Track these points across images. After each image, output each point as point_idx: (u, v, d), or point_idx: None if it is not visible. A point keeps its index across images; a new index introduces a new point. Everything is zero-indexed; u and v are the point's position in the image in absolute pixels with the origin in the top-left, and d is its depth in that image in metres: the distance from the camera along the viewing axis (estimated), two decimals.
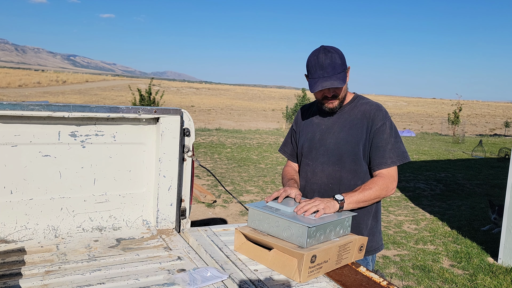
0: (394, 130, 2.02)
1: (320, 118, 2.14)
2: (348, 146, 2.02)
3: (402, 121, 38.51)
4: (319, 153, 2.09)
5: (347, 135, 2.04)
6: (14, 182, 1.93)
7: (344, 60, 1.99)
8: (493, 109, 71.60)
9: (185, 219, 2.31)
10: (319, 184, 2.09)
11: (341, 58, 1.98)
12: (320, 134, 2.11)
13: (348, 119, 2.06)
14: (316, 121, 2.16)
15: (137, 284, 1.62)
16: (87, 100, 38.43)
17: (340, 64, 1.95)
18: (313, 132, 2.14)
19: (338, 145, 2.04)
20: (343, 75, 1.96)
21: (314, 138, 2.12)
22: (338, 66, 1.94)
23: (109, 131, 2.10)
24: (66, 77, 73.49)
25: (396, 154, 1.99)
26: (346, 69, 1.99)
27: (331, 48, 1.99)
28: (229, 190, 7.38)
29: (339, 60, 1.95)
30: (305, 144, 2.16)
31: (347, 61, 2.01)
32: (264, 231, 1.87)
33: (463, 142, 19.30)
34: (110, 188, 2.15)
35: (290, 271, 1.70)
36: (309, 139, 2.14)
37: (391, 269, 4.33)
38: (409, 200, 7.55)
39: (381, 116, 2.01)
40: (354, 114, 2.06)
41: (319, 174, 2.09)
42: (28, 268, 1.68)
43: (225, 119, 27.36)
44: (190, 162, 2.31)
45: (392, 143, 1.99)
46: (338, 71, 1.94)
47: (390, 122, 2.03)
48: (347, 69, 2.01)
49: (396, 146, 1.99)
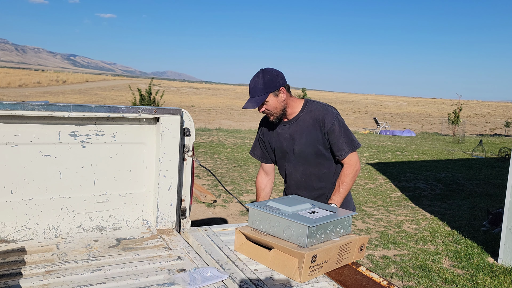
0: (342, 125, 2.42)
1: (282, 128, 2.51)
2: (309, 148, 2.44)
3: (402, 121, 38.50)
4: (290, 157, 2.51)
5: (306, 140, 2.44)
6: (14, 182, 1.93)
7: (271, 83, 2.32)
8: (493, 109, 71.60)
9: (185, 219, 2.31)
10: (296, 179, 2.55)
11: (266, 82, 2.31)
12: (286, 142, 2.50)
13: (304, 126, 2.44)
14: (279, 131, 2.52)
15: (137, 284, 1.62)
16: (87, 100, 38.44)
17: (261, 88, 2.31)
18: (280, 141, 2.53)
19: (301, 150, 2.46)
20: (260, 99, 2.31)
21: (282, 146, 2.52)
22: (258, 90, 2.31)
23: (109, 131, 2.10)
24: (66, 77, 73.48)
25: (348, 144, 2.41)
26: (270, 91, 2.32)
27: (264, 72, 2.34)
28: (229, 190, 7.38)
29: (261, 85, 2.31)
30: (277, 151, 2.57)
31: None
32: (264, 231, 1.87)
33: (463, 142, 19.30)
34: (110, 188, 2.15)
35: (290, 271, 1.69)
36: (279, 147, 2.54)
37: (391, 269, 4.33)
38: (409, 200, 7.54)
39: (328, 118, 2.40)
40: (307, 121, 2.43)
41: (294, 173, 2.54)
42: (28, 268, 1.68)
43: (225, 119, 27.37)
44: (190, 162, 2.31)
45: (342, 137, 2.40)
46: (256, 95, 2.32)
47: (338, 120, 2.41)
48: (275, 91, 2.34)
49: (347, 138, 2.41)
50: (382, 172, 10.04)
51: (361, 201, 7.29)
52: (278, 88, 2.35)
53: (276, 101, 2.36)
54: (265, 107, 2.36)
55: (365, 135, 21.39)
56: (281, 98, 2.37)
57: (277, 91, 2.35)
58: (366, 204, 7.08)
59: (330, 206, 2.06)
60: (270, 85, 2.32)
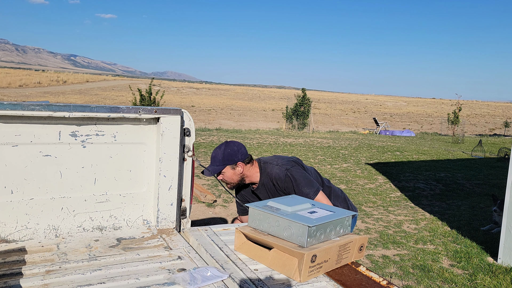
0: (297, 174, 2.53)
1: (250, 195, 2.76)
2: None
3: (402, 121, 38.50)
4: None
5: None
6: (15, 182, 1.94)
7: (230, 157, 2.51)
8: (492, 109, 71.58)
9: (186, 218, 2.32)
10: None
11: (225, 155, 2.51)
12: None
13: (270, 191, 2.63)
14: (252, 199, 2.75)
15: (137, 283, 1.62)
16: (87, 100, 38.42)
17: (219, 159, 2.52)
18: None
19: None
20: (217, 168, 2.52)
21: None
22: (217, 161, 2.52)
23: (109, 131, 2.10)
24: (66, 77, 73.42)
25: (309, 187, 2.51)
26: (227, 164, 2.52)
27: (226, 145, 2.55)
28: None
29: (220, 157, 2.52)
30: None
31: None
32: (264, 231, 1.88)
33: (463, 142, 19.30)
34: (111, 187, 2.15)
35: (290, 271, 1.70)
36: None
37: (391, 269, 4.33)
38: (408, 200, 7.55)
39: (282, 179, 2.55)
40: (269, 184, 2.61)
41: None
42: (29, 268, 1.69)
43: (225, 119, 27.36)
44: (191, 162, 2.31)
45: (302, 184, 2.51)
46: (215, 164, 2.53)
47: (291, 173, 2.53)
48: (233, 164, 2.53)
49: (306, 183, 2.52)
50: (382, 172, 10.05)
51: (360, 201, 7.29)
52: (236, 163, 2.54)
53: (233, 173, 2.56)
54: (222, 177, 2.58)
55: (364, 135, 21.40)
56: (237, 171, 2.56)
57: (234, 165, 2.55)
58: (366, 204, 7.09)
59: (330, 206, 2.06)
60: (228, 159, 2.52)
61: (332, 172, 9.77)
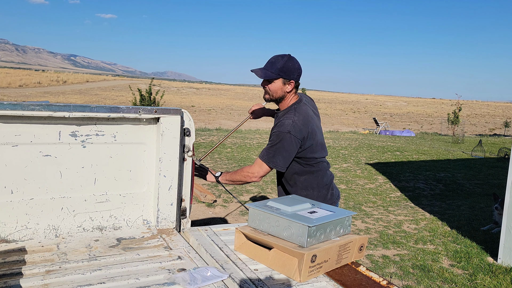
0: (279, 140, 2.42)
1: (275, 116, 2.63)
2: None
3: (402, 121, 38.50)
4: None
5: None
6: (15, 182, 1.94)
7: (288, 71, 2.42)
8: (492, 109, 71.58)
9: (186, 218, 2.32)
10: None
11: (285, 67, 2.41)
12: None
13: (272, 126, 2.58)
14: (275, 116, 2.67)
15: (137, 283, 1.62)
16: (87, 100, 38.42)
17: (277, 68, 2.41)
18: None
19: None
20: (269, 73, 2.42)
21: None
22: (274, 68, 2.42)
23: (109, 131, 2.10)
24: (66, 77, 73.39)
25: (264, 153, 2.47)
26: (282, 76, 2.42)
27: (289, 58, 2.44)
28: (229, 190, 7.39)
29: (279, 66, 2.41)
30: None
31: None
32: (264, 231, 1.88)
33: (463, 142, 19.30)
34: (111, 187, 2.15)
35: (290, 271, 1.70)
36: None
37: (390, 269, 4.33)
38: (408, 200, 7.55)
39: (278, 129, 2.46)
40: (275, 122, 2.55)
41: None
42: (29, 268, 1.69)
43: (225, 119, 27.36)
44: (191, 162, 2.31)
45: (269, 145, 2.47)
46: (270, 70, 2.42)
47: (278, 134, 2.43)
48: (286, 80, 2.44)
49: (269, 148, 2.46)
50: (382, 172, 10.05)
51: (360, 201, 7.29)
52: (289, 80, 2.46)
53: (280, 88, 2.47)
54: (268, 86, 2.48)
55: (364, 135, 21.40)
56: (285, 88, 2.48)
57: (287, 81, 2.46)
58: (366, 204, 7.09)
59: (330, 206, 2.05)
60: (286, 71, 2.42)
61: (332, 172, 9.78)
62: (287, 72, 2.43)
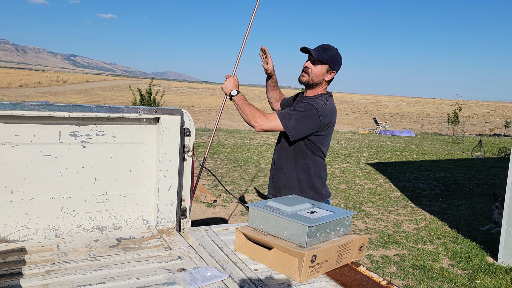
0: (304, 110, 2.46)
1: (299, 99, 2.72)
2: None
3: (402, 121, 38.50)
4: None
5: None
6: (15, 182, 1.94)
7: (335, 62, 2.56)
8: (492, 109, 71.58)
9: (186, 218, 2.32)
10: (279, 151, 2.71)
11: (334, 57, 2.54)
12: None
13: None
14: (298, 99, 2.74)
15: (137, 283, 1.62)
16: (87, 100, 38.43)
17: (329, 56, 2.52)
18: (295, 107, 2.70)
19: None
20: (322, 56, 2.51)
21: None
22: (325, 55, 2.52)
23: (109, 131, 2.10)
24: (66, 77, 73.39)
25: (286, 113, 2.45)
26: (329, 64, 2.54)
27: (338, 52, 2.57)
28: (229, 189, 7.39)
29: (331, 54, 2.53)
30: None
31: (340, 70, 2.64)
32: (264, 231, 1.88)
33: (463, 142, 19.30)
34: (111, 187, 2.15)
35: (290, 271, 1.70)
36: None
37: (390, 269, 4.33)
38: (408, 200, 7.55)
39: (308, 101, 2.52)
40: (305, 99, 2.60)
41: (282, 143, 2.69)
42: (29, 268, 1.69)
43: (225, 119, 27.36)
44: (191, 162, 2.31)
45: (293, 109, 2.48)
46: (321, 55, 2.51)
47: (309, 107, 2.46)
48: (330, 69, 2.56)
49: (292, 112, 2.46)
50: (382, 172, 10.05)
51: (360, 201, 7.30)
52: (333, 69, 2.58)
53: (322, 74, 2.56)
54: (312, 67, 2.56)
55: (364, 135, 21.40)
56: (326, 77, 2.58)
57: (330, 69, 2.58)
58: (366, 204, 7.09)
59: (330, 206, 2.05)
60: (333, 61, 2.56)
61: (332, 172, 9.77)
62: (334, 62, 2.56)
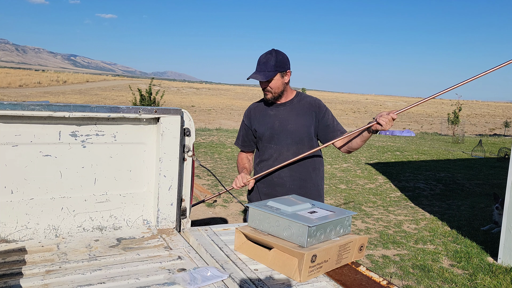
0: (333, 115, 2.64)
1: (276, 110, 2.62)
2: (305, 128, 2.57)
3: (402, 121, 38.51)
4: (282, 137, 2.58)
5: (303, 120, 2.57)
6: (15, 182, 1.94)
7: (282, 64, 2.48)
8: (492, 109, 71.57)
9: (186, 218, 2.32)
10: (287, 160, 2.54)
11: (278, 61, 2.46)
12: (279, 122, 2.59)
13: (300, 109, 2.58)
14: (272, 112, 2.62)
15: (137, 283, 1.62)
16: (87, 100, 38.44)
17: (272, 65, 2.44)
18: (272, 122, 2.61)
19: (297, 129, 2.56)
20: (270, 74, 2.44)
21: (274, 126, 2.60)
22: (268, 66, 2.44)
23: (109, 131, 2.10)
24: (66, 77, 73.40)
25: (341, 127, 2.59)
26: (279, 70, 2.47)
27: (277, 52, 2.49)
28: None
29: (273, 62, 2.44)
30: (266, 132, 2.62)
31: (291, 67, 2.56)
32: (264, 231, 1.88)
33: (463, 142, 19.31)
34: (111, 187, 2.15)
35: (290, 271, 1.70)
36: (270, 127, 2.61)
37: (390, 269, 4.34)
38: (408, 200, 7.55)
39: (322, 106, 2.62)
40: (303, 105, 2.59)
41: (285, 152, 2.58)
42: (29, 268, 1.69)
43: (225, 119, 27.36)
44: (191, 162, 2.31)
45: (336, 122, 2.60)
46: (265, 70, 2.44)
47: (329, 110, 2.63)
48: (283, 72, 2.50)
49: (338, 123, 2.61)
50: (382, 172, 10.05)
51: (360, 201, 7.30)
52: (286, 70, 2.51)
53: (280, 83, 2.51)
54: (269, 85, 2.50)
55: None
56: (285, 80, 2.53)
57: (284, 73, 2.51)
58: (366, 204, 7.09)
59: (330, 206, 2.05)
60: (280, 65, 2.47)
61: (332, 172, 9.77)
62: (281, 65, 2.49)
